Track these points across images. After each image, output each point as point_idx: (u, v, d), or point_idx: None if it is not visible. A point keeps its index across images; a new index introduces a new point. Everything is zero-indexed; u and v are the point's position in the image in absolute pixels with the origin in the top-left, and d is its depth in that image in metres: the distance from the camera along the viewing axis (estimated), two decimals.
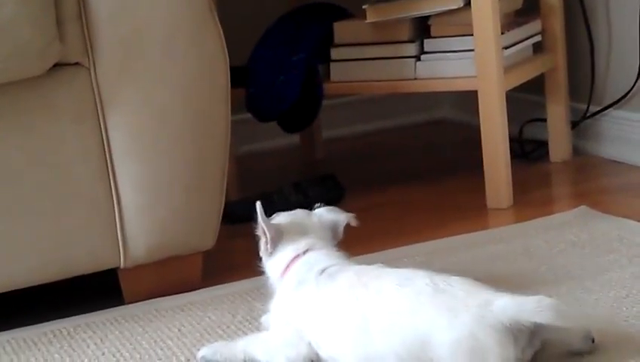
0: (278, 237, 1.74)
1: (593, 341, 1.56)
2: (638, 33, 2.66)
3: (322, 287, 1.64)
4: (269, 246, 1.74)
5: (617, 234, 2.13)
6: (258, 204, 1.72)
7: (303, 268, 1.70)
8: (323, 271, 1.67)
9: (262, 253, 1.76)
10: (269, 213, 1.77)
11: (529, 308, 1.48)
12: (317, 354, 1.63)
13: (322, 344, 1.62)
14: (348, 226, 2.46)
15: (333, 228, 1.79)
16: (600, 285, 1.86)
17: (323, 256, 1.71)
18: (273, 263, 1.74)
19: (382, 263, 1.69)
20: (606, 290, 1.83)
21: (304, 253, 1.72)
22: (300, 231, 1.76)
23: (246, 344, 1.68)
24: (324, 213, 1.81)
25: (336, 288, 1.63)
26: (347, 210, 1.87)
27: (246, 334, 1.79)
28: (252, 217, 1.75)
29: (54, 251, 1.98)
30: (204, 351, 1.69)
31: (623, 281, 1.87)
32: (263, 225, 1.73)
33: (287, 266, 1.72)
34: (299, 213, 1.80)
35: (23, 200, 1.94)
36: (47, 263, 1.98)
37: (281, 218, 1.79)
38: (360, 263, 1.71)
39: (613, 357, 1.55)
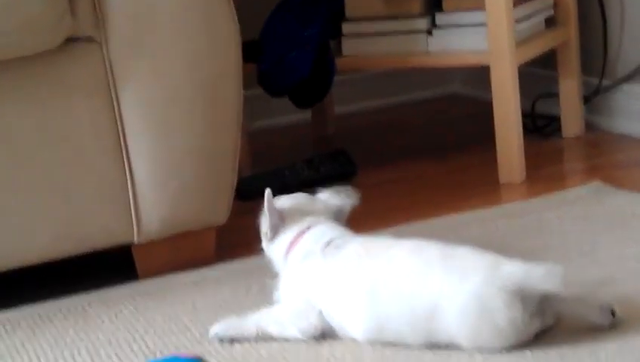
0: (280, 222, 1.74)
1: (614, 314, 1.55)
2: None
3: (329, 258, 1.65)
4: (269, 232, 1.74)
5: (631, 209, 2.12)
6: (267, 191, 1.71)
7: (308, 242, 1.70)
8: (329, 242, 1.68)
9: (262, 237, 1.76)
10: (280, 189, 1.77)
11: (537, 275, 1.50)
12: (328, 324, 1.64)
13: (332, 312, 1.63)
14: (359, 202, 2.46)
15: (337, 212, 1.78)
16: (613, 260, 1.86)
17: (328, 230, 1.72)
18: (276, 246, 1.74)
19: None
20: (619, 265, 1.83)
21: (308, 228, 1.72)
22: (303, 215, 1.75)
23: (258, 318, 1.69)
24: (329, 198, 1.80)
25: (344, 258, 1.64)
26: (359, 186, 1.87)
27: (260, 309, 1.79)
28: (263, 193, 1.75)
29: (67, 227, 1.98)
30: (216, 329, 1.70)
31: (636, 256, 1.86)
32: (267, 211, 1.73)
33: (292, 243, 1.72)
34: (301, 197, 1.80)
35: (36, 175, 1.95)
36: (60, 239, 1.98)
37: (283, 201, 1.78)
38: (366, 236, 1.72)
39: (628, 331, 1.54)
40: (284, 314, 1.68)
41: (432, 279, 1.54)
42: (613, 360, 1.46)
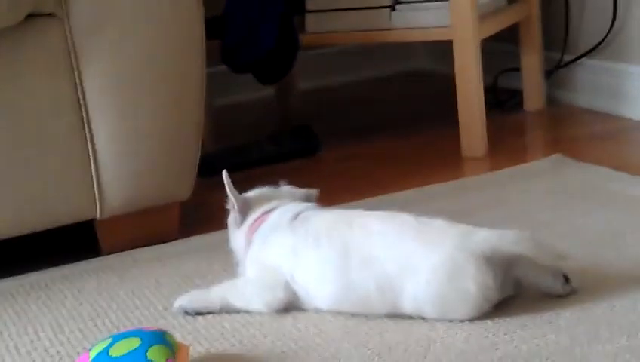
0: (247, 207, 1.74)
1: (567, 280, 1.57)
2: None
3: (299, 228, 1.66)
4: (237, 216, 1.74)
5: (590, 181, 2.15)
6: (224, 174, 1.71)
7: (275, 217, 1.71)
8: (296, 216, 1.68)
9: (230, 225, 1.77)
10: (244, 165, 1.77)
11: (509, 239, 1.52)
12: (295, 295, 1.65)
13: (300, 278, 1.64)
14: (324, 177, 2.47)
15: (305, 198, 1.78)
16: (573, 231, 1.88)
17: (295, 206, 1.73)
18: (241, 230, 1.74)
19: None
20: (579, 236, 1.85)
21: (274, 209, 1.73)
22: (269, 200, 1.76)
23: (222, 291, 1.70)
24: (292, 188, 1.80)
25: (314, 226, 1.64)
26: (322, 161, 1.88)
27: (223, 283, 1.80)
28: (227, 169, 1.75)
29: (30, 203, 1.97)
30: (180, 301, 1.71)
31: (595, 227, 1.89)
32: (230, 195, 1.73)
33: (257, 220, 1.72)
34: (266, 189, 1.79)
35: None
36: (23, 215, 1.98)
37: (249, 193, 1.78)
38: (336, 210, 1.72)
39: (586, 299, 1.56)
40: (249, 288, 1.69)
41: (405, 243, 1.55)
42: (573, 328, 1.48)
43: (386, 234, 1.58)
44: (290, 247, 1.65)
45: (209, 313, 1.68)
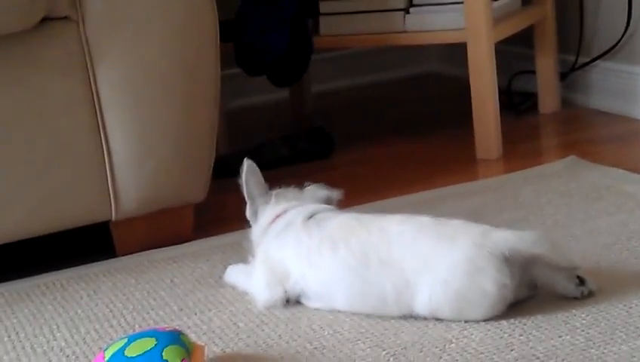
0: (263, 200, 1.75)
1: (582, 282, 1.57)
2: None
3: (313, 228, 1.66)
4: (249, 209, 1.76)
5: (605, 183, 2.14)
6: (244, 165, 1.72)
7: (289, 216, 1.71)
8: (312, 215, 1.69)
9: (248, 217, 1.78)
10: (258, 166, 1.77)
11: (528, 239, 1.52)
12: (298, 295, 1.66)
13: (311, 281, 1.64)
14: (337, 179, 2.48)
15: (326, 200, 1.79)
16: (588, 232, 1.88)
17: (312, 206, 1.73)
18: (258, 225, 1.76)
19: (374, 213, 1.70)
20: (594, 237, 1.85)
21: (293, 207, 1.73)
22: (290, 200, 1.76)
23: (238, 271, 1.79)
24: (316, 189, 1.80)
25: (329, 229, 1.65)
26: (336, 163, 1.88)
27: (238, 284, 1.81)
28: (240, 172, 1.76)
29: (46, 204, 1.98)
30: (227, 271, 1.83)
31: (610, 228, 1.88)
32: (244, 187, 1.74)
33: (276, 217, 1.73)
34: (290, 189, 1.80)
35: (13, 154, 1.94)
36: (38, 216, 1.98)
37: (272, 191, 1.79)
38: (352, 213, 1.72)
39: (602, 300, 1.56)
40: (252, 283, 1.71)
41: (422, 243, 1.56)
42: (588, 328, 1.48)
43: (403, 236, 1.58)
44: (303, 248, 1.66)
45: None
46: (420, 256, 1.54)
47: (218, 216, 2.26)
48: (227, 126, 2.84)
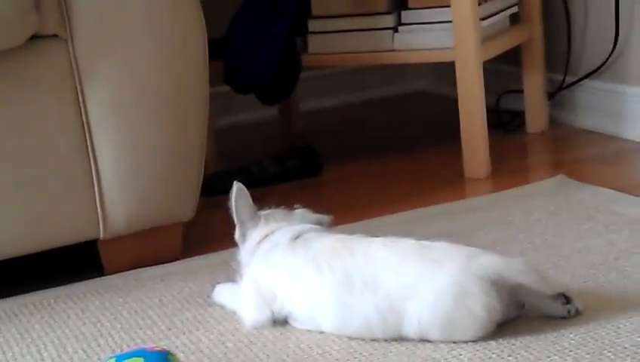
0: (252, 223, 1.75)
1: (568, 301, 1.57)
2: (614, 4, 2.68)
3: (299, 249, 1.66)
4: (238, 232, 1.76)
5: (594, 203, 2.15)
6: (235, 188, 1.72)
7: (277, 236, 1.71)
8: (298, 236, 1.69)
9: (237, 239, 1.78)
10: (247, 185, 1.77)
11: (515, 267, 1.52)
12: (285, 316, 1.66)
13: (297, 303, 1.64)
14: (326, 197, 2.47)
15: (316, 223, 1.78)
16: (577, 252, 1.88)
17: (300, 227, 1.73)
18: (246, 246, 1.76)
19: (361, 233, 1.70)
20: (583, 257, 1.85)
21: (280, 228, 1.73)
22: (279, 221, 1.76)
23: (225, 290, 1.79)
24: (306, 212, 1.80)
25: (316, 248, 1.65)
26: (325, 181, 1.88)
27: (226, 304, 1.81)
28: (230, 189, 1.75)
29: (33, 223, 1.97)
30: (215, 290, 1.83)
31: (599, 248, 1.88)
32: (233, 211, 1.74)
33: (263, 239, 1.73)
34: (279, 210, 1.80)
35: (0, 172, 1.94)
36: (26, 235, 1.98)
37: (261, 212, 1.79)
38: (338, 233, 1.72)
39: (590, 320, 1.56)
40: (240, 304, 1.72)
41: (409, 266, 1.55)
42: (576, 349, 1.48)
43: (388, 260, 1.57)
44: (288, 269, 1.66)
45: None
46: (405, 281, 1.53)
47: (206, 234, 2.26)
48: (216, 144, 2.84)
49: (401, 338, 1.56)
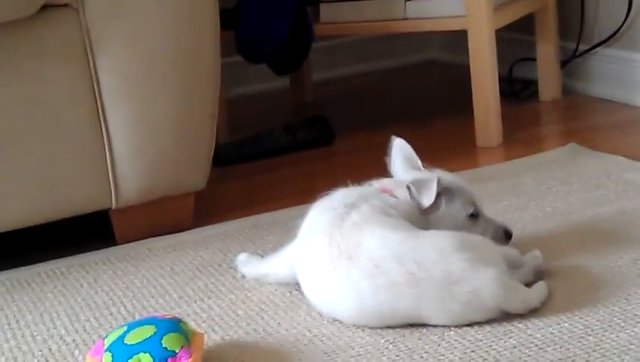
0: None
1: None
2: None
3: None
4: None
5: (605, 171, 2.14)
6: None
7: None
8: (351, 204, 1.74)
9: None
10: (259, 155, 1.76)
11: (515, 303, 1.52)
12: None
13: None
14: (339, 167, 2.47)
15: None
16: (588, 219, 1.88)
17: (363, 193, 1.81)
18: None
19: None
20: (594, 224, 1.85)
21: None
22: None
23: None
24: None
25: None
26: (337, 151, 1.88)
27: (237, 273, 1.82)
28: (241, 159, 1.74)
29: (46, 193, 1.98)
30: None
31: (610, 216, 1.88)
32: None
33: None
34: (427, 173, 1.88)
35: (13, 142, 1.94)
36: (38, 205, 1.98)
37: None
38: None
39: (600, 288, 1.57)
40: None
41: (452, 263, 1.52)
42: (586, 316, 1.48)
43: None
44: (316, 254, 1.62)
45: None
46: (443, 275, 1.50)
47: (218, 204, 2.26)
48: (227, 114, 2.84)
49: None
